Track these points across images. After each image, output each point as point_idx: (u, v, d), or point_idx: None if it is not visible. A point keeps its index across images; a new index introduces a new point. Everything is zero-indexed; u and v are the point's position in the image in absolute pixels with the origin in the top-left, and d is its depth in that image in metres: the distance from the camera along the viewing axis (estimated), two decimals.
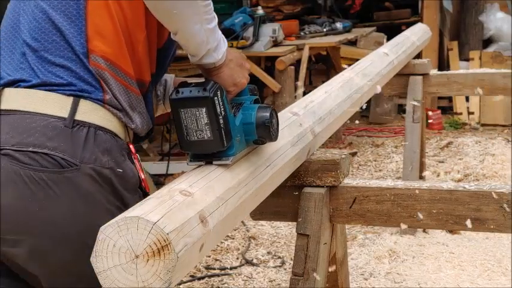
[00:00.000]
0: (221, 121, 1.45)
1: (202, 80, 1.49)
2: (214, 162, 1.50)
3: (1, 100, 1.51)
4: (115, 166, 1.50)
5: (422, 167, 4.32)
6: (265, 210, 2.02)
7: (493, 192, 1.82)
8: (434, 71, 4.29)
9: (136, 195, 1.54)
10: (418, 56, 5.14)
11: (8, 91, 1.51)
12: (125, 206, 1.48)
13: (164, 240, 1.14)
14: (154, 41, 1.61)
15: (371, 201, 1.93)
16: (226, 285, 3.48)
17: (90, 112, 1.49)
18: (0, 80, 1.54)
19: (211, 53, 1.49)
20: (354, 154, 5.74)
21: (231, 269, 3.65)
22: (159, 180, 5.11)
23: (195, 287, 3.47)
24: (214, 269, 3.66)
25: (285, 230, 4.14)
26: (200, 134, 1.46)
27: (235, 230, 4.14)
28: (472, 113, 6.75)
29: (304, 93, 2.52)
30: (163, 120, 6.46)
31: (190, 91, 1.45)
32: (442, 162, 5.41)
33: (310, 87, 6.22)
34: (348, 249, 3.52)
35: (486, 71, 4.34)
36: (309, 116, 2.04)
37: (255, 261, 3.73)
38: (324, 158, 1.96)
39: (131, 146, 1.58)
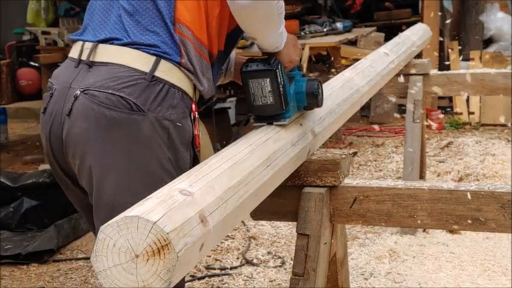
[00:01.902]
0: (281, 89, 1.83)
1: (265, 57, 1.87)
2: (274, 123, 1.87)
3: (96, 53, 1.81)
4: (176, 120, 1.77)
5: (422, 167, 4.32)
6: (266, 210, 2.02)
7: (493, 192, 1.82)
8: (434, 71, 4.29)
9: (188, 151, 1.81)
10: (419, 56, 5.14)
11: (103, 47, 1.80)
12: (175, 159, 1.76)
13: (164, 240, 1.14)
14: (226, 23, 1.88)
15: (371, 201, 1.93)
16: (226, 285, 3.48)
17: (167, 71, 1.77)
18: (96, 37, 1.83)
19: (279, 47, 1.90)
20: (354, 154, 5.74)
21: (231, 269, 3.65)
22: None
23: (195, 287, 3.47)
24: (214, 269, 3.66)
25: (285, 230, 4.14)
26: (264, 100, 1.84)
27: (235, 230, 4.14)
28: (473, 113, 6.75)
29: None
30: None
31: (257, 65, 1.84)
32: (443, 162, 5.41)
33: None
34: (348, 249, 3.52)
35: (486, 71, 4.34)
36: (309, 116, 2.04)
37: (255, 261, 3.73)
38: (324, 158, 1.96)
39: (194, 105, 1.84)
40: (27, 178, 4.38)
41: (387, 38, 6.02)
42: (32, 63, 6.80)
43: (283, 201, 2.00)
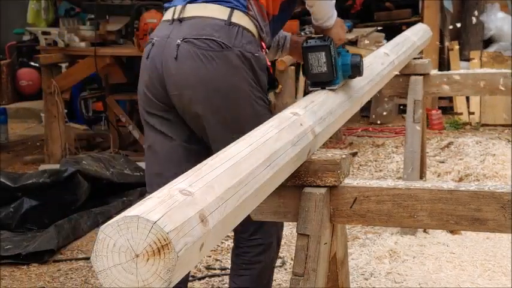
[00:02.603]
0: (333, 61, 2.32)
1: (321, 35, 2.41)
2: (327, 88, 2.35)
3: (185, 11, 2.39)
4: (254, 52, 2.37)
5: (423, 167, 4.32)
6: (266, 210, 2.02)
7: (493, 193, 1.82)
8: (434, 71, 4.29)
9: (265, 74, 2.43)
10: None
11: (190, 6, 2.40)
12: (257, 80, 2.40)
13: (164, 240, 1.14)
14: None
15: (371, 201, 1.93)
16: (226, 285, 3.48)
17: (240, 18, 2.36)
18: (184, 1, 2.41)
19: (330, 19, 2.44)
20: (354, 154, 5.74)
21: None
22: None
23: (195, 287, 3.47)
24: (214, 269, 3.66)
25: (286, 230, 4.13)
26: (319, 69, 2.34)
27: None
28: (473, 113, 6.75)
29: (305, 94, 2.54)
30: None
31: (315, 41, 2.35)
32: (443, 162, 5.41)
33: None
34: (349, 249, 3.52)
35: (487, 71, 4.34)
36: (309, 116, 2.04)
37: None
38: (324, 158, 1.96)
39: (263, 43, 2.45)
40: (27, 178, 4.38)
41: (387, 38, 6.03)
42: (32, 63, 6.80)
43: (283, 201, 2.00)
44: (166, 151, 2.45)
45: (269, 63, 2.47)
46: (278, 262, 3.70)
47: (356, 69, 2.41)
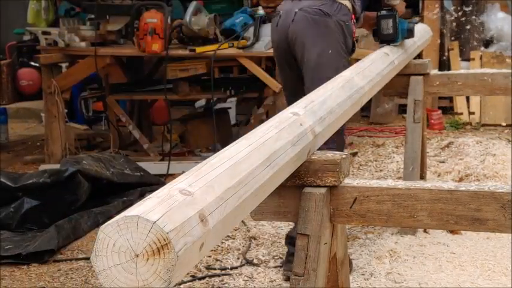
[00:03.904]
0: (397, 25, 3.56)
1: (389, 8, 3.63)
2: (391, 44, 3.59)
3: None
4: (346, 21, 3.43)
5: (423, 167, 4.32)
6: (266, 210, 2.02)
7: (493, 193, 1.82)
8: (435, 71, 4.29)
9: (351, 38, 3.47)
10: (419, 56, 5.14)
11: None
12: (345, 42, 3.44)
13: (164, 239, 1.14)
14: None
15: (371, 201, 1.93)
16: (226, 285, 3.48)
17: None
18: None
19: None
20: (354, 154, 5.74)
21: (231, 269, 3.65)
22: (160, 181, 5.11)
23: (195, 287, 3.47)
24: (214, 269, 3.66)
25: (286, 230, 4.14)
26: (387, 31, 3.59)
27: (235, 230, 4.14)
28: (473, 113, 6.75)
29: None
30: (163, 120, 6.47)
31: (386, 12, 3.57)
32: (443, 162, 5.41)
33: None
34: (349, 249, 3.52)
35: (487, 71, 4.34)
36: (309, 116, 2.04)
37: (255, 261, 3.73)
38: (324, 158, 1.96)
39: (353, 16, 3.49)
40: (27, 178, 4.38)
41: None
42: (32, 63, 6.79)
43: (283, 201, 2.00)
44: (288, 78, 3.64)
45: (355, 31, 3.53)
46: (278, 262, 3.71)
47: (410, 32, 3.69)
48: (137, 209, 1.19)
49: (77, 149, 5.94)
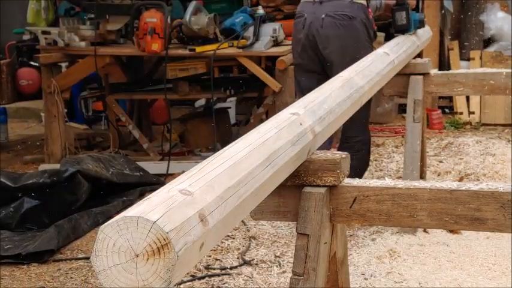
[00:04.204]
0: (410, 17, 4.07)
1: (402, 2, 4.17)
2: (405, 34, 4.08)
3: None
4: (367, 18, 4.00)
5: (423, 166, 4.32)
6: (266, 210, 2.02)
7: (493, 192, 1.82)
8: (434, 71, 4.29)
9: (372, 30, 4.08)
10: (419, 55, 5.14)
11: None
12: (369, 35, 4.04)
13: (164, 239, 1.14)
14: None
15: (371, 200, 1.93)
16: (226, 285, 3.48)
17: None
18: None
19: None
20: None
21: (231, 268, 3.65)
22: (160, 180, 5.11)
23: (195, 286, 3.47)
24: (214, 268, 3.66)
25: (286, 230, 4.14)
26: (401, 22, 4.09)
27: (235, 230, 4.14)
28: (473, 113, 6.75)
29: None
30: (163, 120, 6.46)
31: (400, 5, 4.09)
32: (443, 162, 5.41)
33: None
34: (349, 250, 3.51)
35: (487, 70, 4.34)
36: (309, 116, 2.04)
37: (255, 261, 3.72)
38: (324, 158, 1.96)
39: (369, 9, 4.04)
40: (27, 178, 4.38)
41: (387, 38, 6.03)
42: (32, 63, 6.78)
43: (283, 201, 2.00)
44: (309, 80, 4.07)
45: (374, 23, 4.13)
46: (278, 262, 3.71)
47: (421, 23, 4.26)
48: (137, 209, 1.19)
49: (77, 148, 5.94)
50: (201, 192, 1.33)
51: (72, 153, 5.67)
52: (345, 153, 2.01)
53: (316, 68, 4.10)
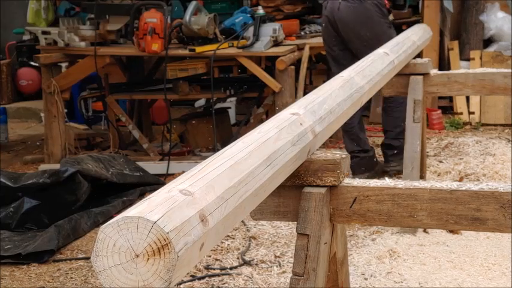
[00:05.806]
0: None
1: None
2: (401, 10, 5.80)
3: None
4: (380, 3, 4.79)
5: (422, 167, 4.32)
6: (266, 210, 2.02)
7: (493, 192, 1.82)
8: (434, 71, 4.29)
9: (385, 9, 4.86)
10: (419, 55, 5.14)
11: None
12: (382, 14, 4.82)
13: (164, 240, 1.14)
14: None
15: (371, 201, 1.93)
16: (226, 285, 3.48)
17: None
18: None
19: None
20: None
21: (231, 268, 3.65)
22: (160, 180, 5.11)
23: (195, 286, 3.48)
24: (214, 269, 3.66)
25: (286, 230, 4.14)
26: (399, 1, 5.24)
27: (235, 230, 4.14)
28: (473, 113, 6.75)
29: (305, 93, 2.57)
30: (163, 120, 6.46)
31: None
32: (443, 162, 5.41)
33: (310, 87, 6.22)
34: (349, 250, 3.52)
35: (487, 70, 4.34)
36: (309, 116, 2.04)
37: (255, 261, 3.73)
38: (324, 158, 1.96)
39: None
40: (27, 178, 4.38)
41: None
42: (32, 63, 6.79)
43: (283, 201, 2.00)
44: (339, 55, 4.94)
45: (386, 2, 4.83)
46: (277, 262, 3.71)
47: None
48: (137, 209, 1.19)
49: (77, 148, 5.94)
50: (202, 192, 1.33)
51: (72, 153, 5.67)
52: (345, 153, 2.01)
53: (339, 46, 4.92)
